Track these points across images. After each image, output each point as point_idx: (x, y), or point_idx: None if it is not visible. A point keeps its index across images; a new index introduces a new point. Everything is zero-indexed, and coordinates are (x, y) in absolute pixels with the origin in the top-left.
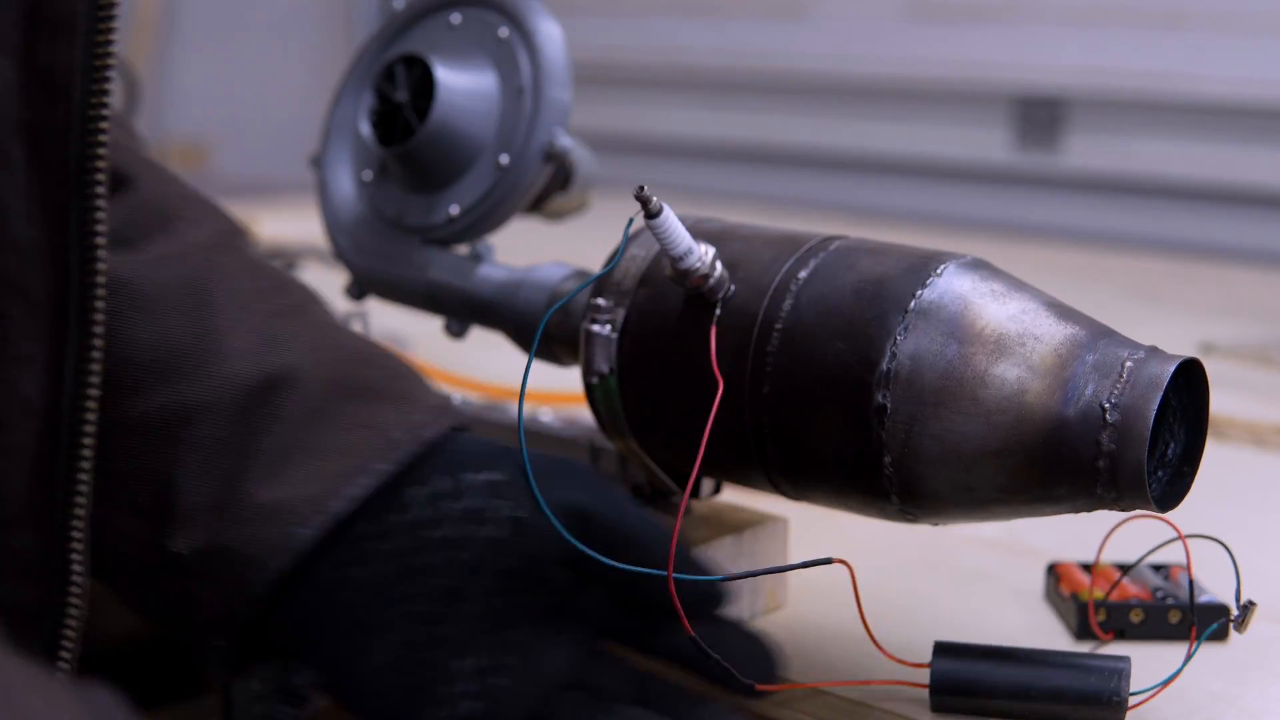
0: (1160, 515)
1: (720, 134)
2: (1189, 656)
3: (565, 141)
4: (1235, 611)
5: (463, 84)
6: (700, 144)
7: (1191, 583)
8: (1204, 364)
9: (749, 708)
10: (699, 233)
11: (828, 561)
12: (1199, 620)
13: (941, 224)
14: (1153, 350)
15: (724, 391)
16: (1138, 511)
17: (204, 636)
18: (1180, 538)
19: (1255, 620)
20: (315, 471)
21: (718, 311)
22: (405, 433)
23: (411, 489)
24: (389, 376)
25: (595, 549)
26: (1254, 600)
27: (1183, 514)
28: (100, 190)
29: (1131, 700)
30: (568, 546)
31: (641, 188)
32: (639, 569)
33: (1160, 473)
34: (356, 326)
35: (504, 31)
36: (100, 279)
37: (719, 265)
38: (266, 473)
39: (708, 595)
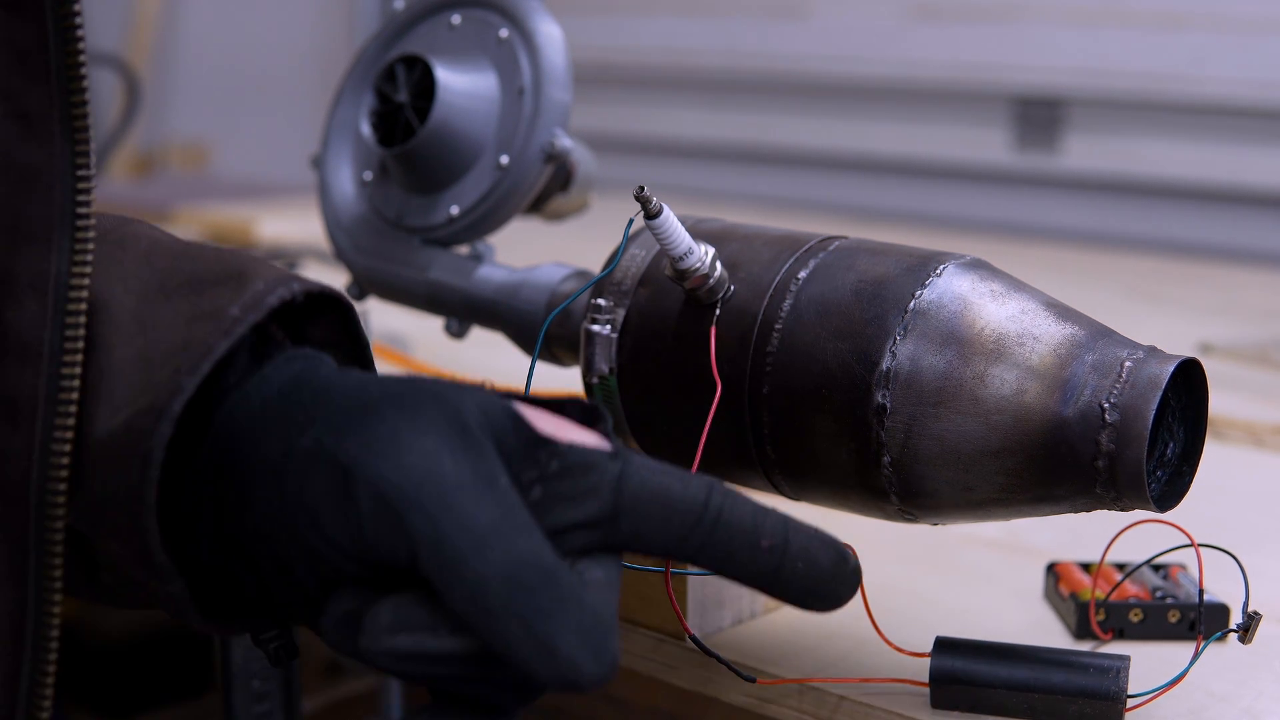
0: (1160, 516)
1: (720, 134)
2: (1195, 657)
3: (565, 142)
4: (1240, 619)
5: (463, 84)
6: (700, 144)
7: (1201, 591)
8: (1203, 364)
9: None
10: (699, 233)
11: None
12: (1203, 621)
13: (941, 224)
14: (1152, 350)
15: (723, 391)
16: (1137, 512)
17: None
18: (1194, 545)
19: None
20: (148, 383)
21: (717, 312)
22: (242, 309)
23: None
24: (216, 262)
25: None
26: (1259, 612)
27: (1181, 513)
28: (59, 525)
29: (1134, 701)
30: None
31: (641, 188)
32: (637, 565)
33: (1159, 472)
34: None
35: (504, 32)
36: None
37: (719, 265)
38: (98, 405)
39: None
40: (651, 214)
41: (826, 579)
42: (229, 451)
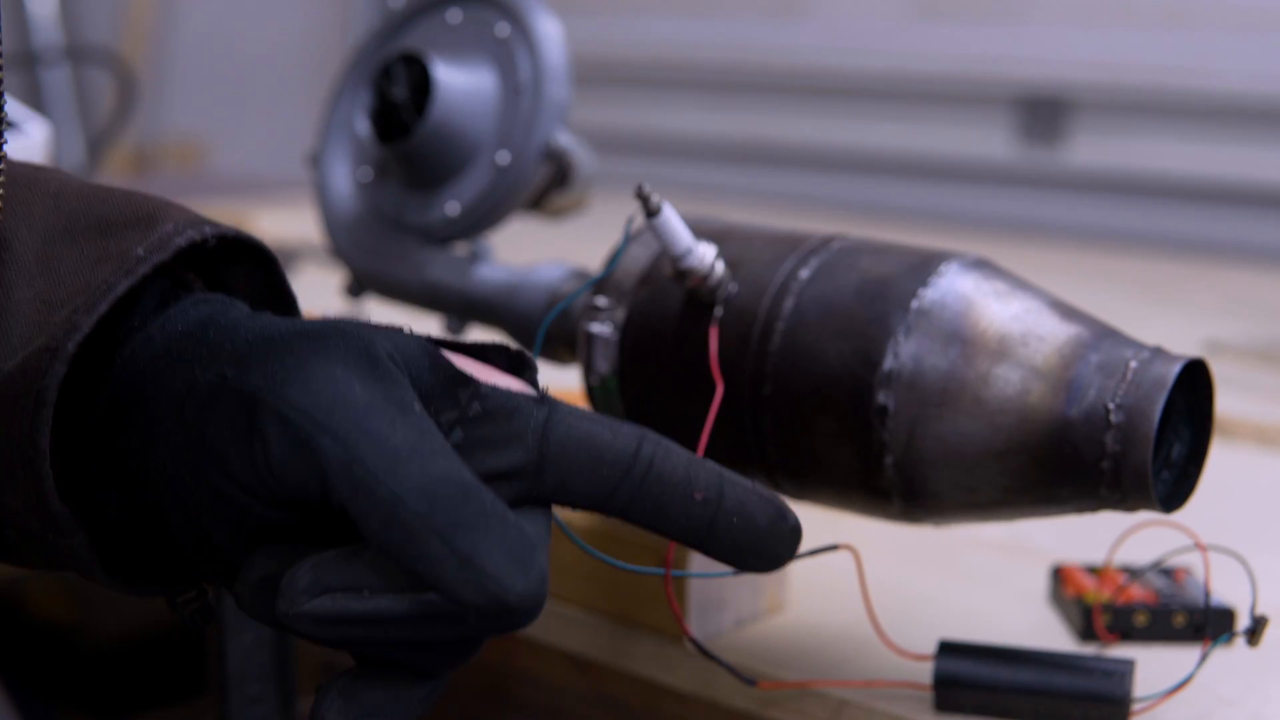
0: (1166, 518)
1: (721, 131)
2: (1202, 660)
3: (565, 140)
4: (1248, 622)
5: (461, 82)
6: (701, 142)
7: (1207, 594)
8: (1209, 364)
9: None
10: (700, 232)
11: (834, 548)
12: (1209, 625)
13: (944, 222)
14: (1157, 350)
15: (725, 392)
16: (1142, 513)
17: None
18: (1200, 547)
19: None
20: (46, 324)
21: (718, 311)
22: (148, 249)
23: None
24: (128, 205)
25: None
26: (1266, 615)
27: (1187, 515)
28: None
29: (1139, 705)
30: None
31: (641, 186)
32: (637, 568)
33: (1165, 474)
34: None
35: (503, 29)
36: None
37: (720, 265)
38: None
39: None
40: (652, 212)
41: (763, 535)
42: (131, 392)
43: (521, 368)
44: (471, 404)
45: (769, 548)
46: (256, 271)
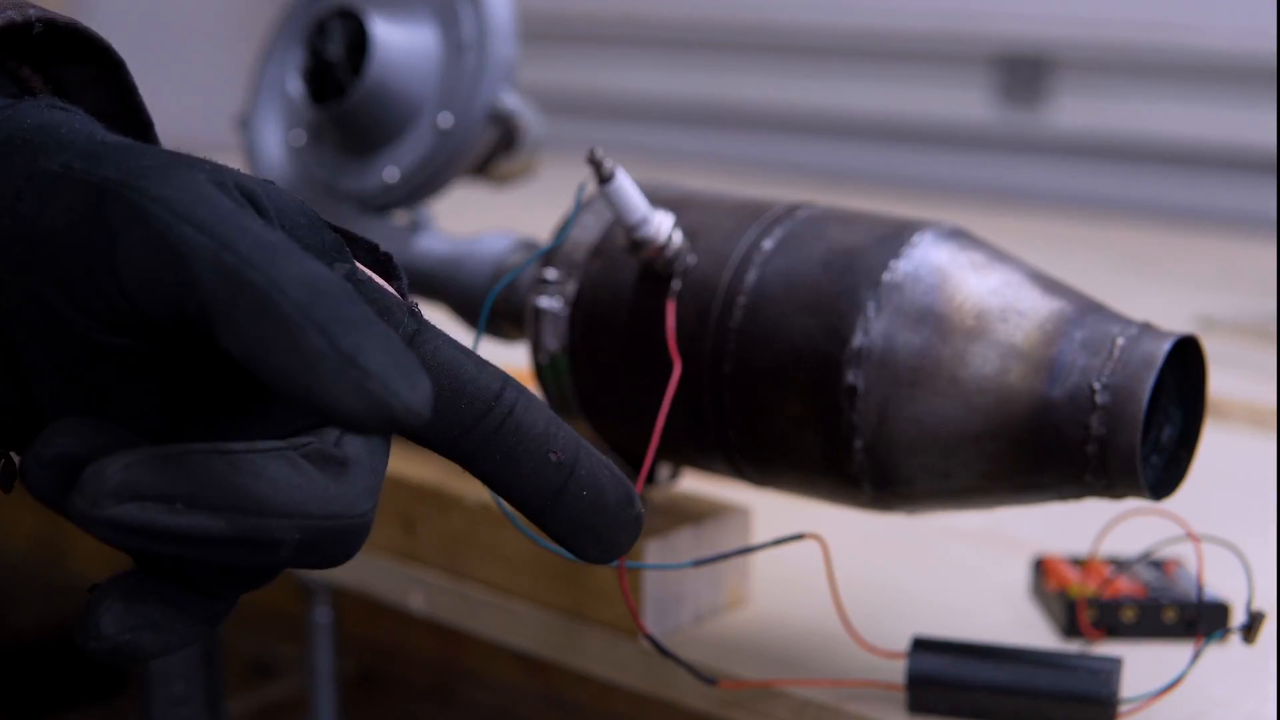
0: (1155, 505)
1: (679, 92)
2: (1194, 658)
3: (511, 101)
4: (1243, 619)
5: (401, 39)
6: (657, 103)
7: (1200, 587)
8: (1201, 341)
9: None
10: (656, 199)
11: (799, 538)
12: (1202, 620)
13: (917, 189)
14: (1146, 327)
15: (682, 370)
16: (1130, 501)
17: None
18: (1192, 538)
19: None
20: None
21: (676, 284)
22: None
23: None
24: None
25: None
26: (1263, 611)
27: (1178, 503)
28: None
29: (1127, 706)
30: None
31: (594, 150)
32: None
33: (1154, 458)
34: None
35: None
36: None
37: (678, 235)
38: None
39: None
40: (604, 178)
41: (608, 516)
42: None
43: (391, 273)
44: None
45: (610, 532)
46: (102, 79)
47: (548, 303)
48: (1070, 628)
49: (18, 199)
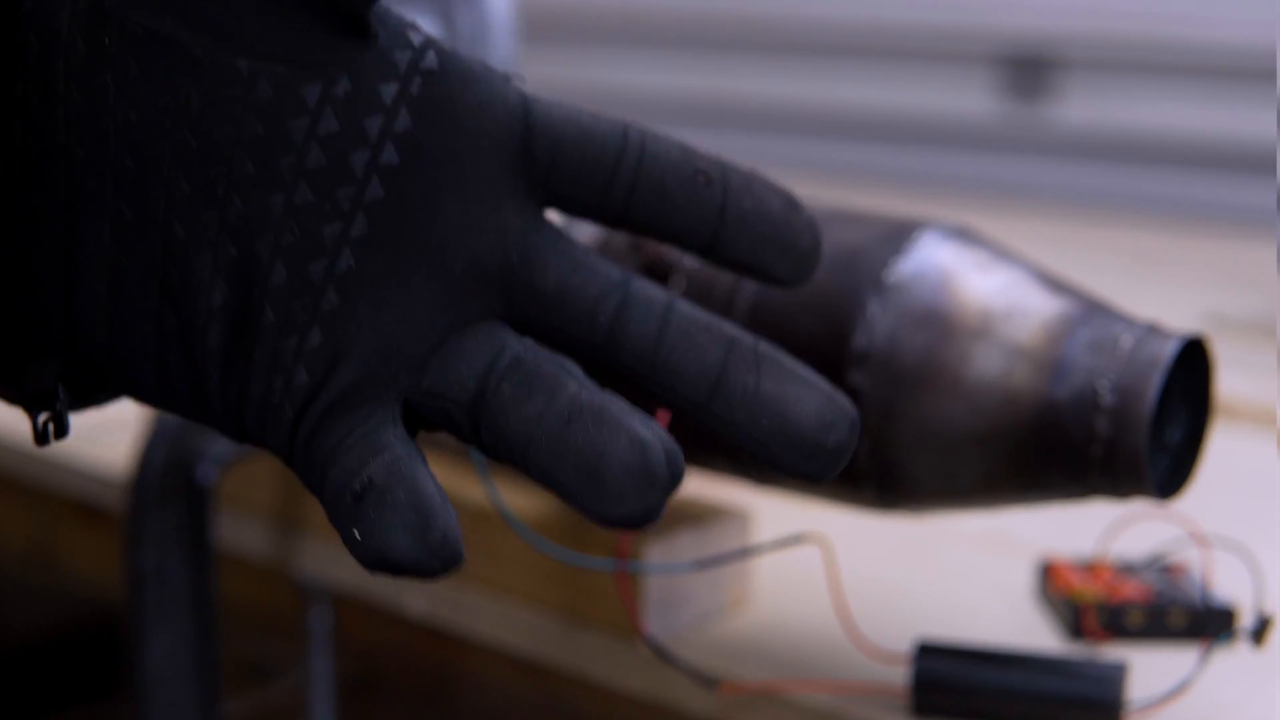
0: (1162, 508)
1: (680, 89)
2: (1201, 661)
3: None
4: (1251, 622)
5: None
6: (658, 100)
7: (1207, 590)
8: (1209, 341)
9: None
10: None
11: (800, 540)
12: (1209, 624)
13: (920, 187)
14: (1152, 327)
15: None
16: (1136, 503)
17: None
18: (1199, 540)
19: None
20: None
21: (678, 285)
22: None
23: None
24: None
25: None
26: (1272, 614)
27: (1185, 505)
28: None
29: (1133, 710)
30: None
31: None
32: (589, 560)
33: (1161, 459)
34: None
35: None
36: None
37: None
38: None
39: None
40: None
41: (780, 223)
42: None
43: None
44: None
45: (789, 237)
46: None
47: None
48: (1075, 631)
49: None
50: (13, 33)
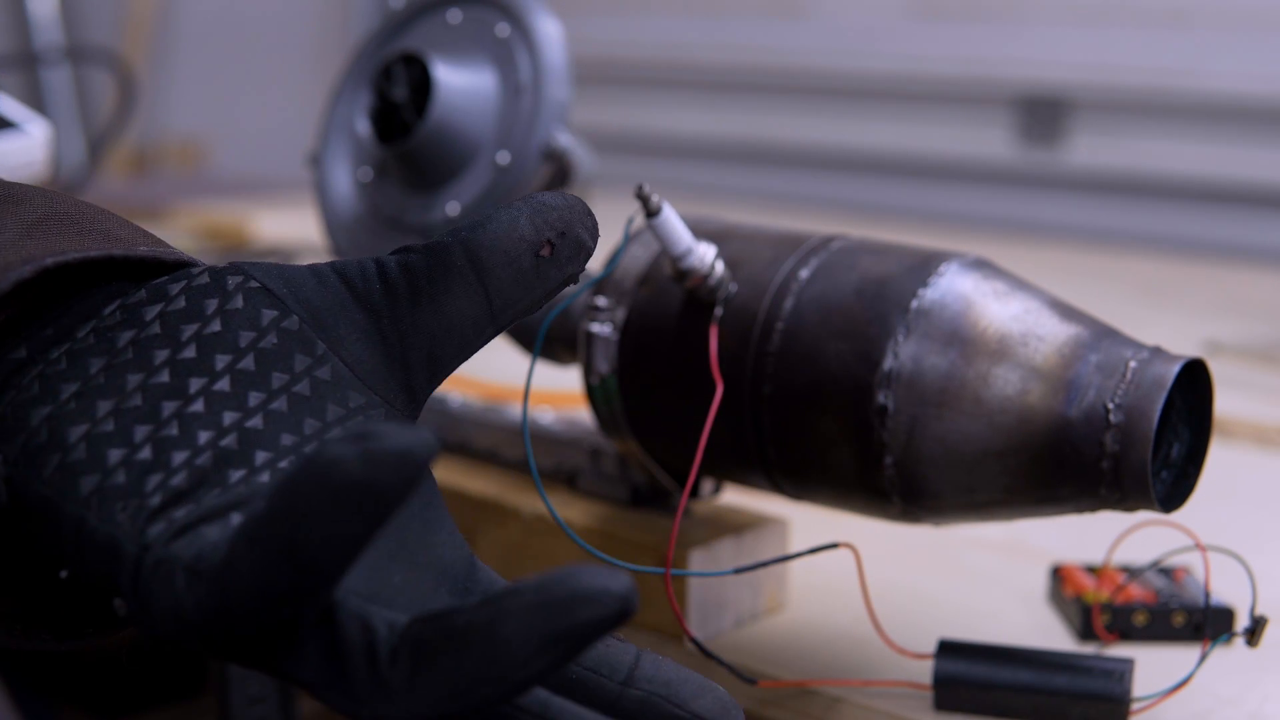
0: (1165, 517)
1: (721, 132)
2: (1201, 660)
3: (564, 140)
4: (1247, 623)
5: (461, 82)
6: (700, 142)
7: (1207, 594)
8: (1208, 364)
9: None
10: (700, 232)
11: (833, 546)
12: (1209, 625)
13: (943, 223)
14: (1156, 350)
15: (724, 391)
16: (1142, 513)
17: None
18: (1200, 547)
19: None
20: None
21: (718, 311)
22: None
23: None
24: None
25: None
26: (1265, 615)
27: (1187, 515)
28: None
29: (1138, 704)
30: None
31: (641, 186)
32: (637, 567)
33: (1164, 473)
34: None
35: (503, 29)
36: None
37: (720, 265)
38: None
39: None
40: (652, 212)
41: None
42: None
43: None
44: None
45: None
46: None
47: (599, 328)
48: (1085, 631)
49: None
50: None
